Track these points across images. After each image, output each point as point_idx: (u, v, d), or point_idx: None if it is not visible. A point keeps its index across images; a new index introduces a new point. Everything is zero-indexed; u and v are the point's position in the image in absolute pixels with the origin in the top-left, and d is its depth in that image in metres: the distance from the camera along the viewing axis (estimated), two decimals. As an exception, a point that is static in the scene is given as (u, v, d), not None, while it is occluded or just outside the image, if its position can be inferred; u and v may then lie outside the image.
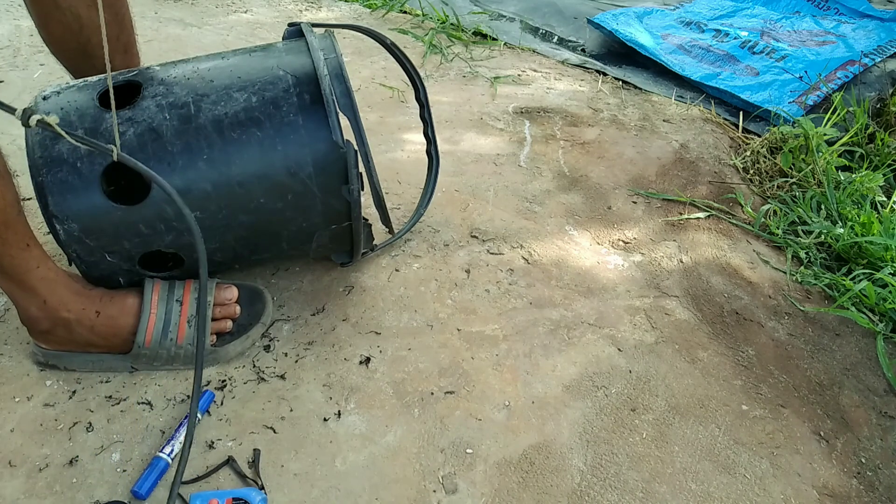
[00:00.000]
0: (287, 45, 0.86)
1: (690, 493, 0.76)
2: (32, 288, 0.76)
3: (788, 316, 1.01)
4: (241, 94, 0.78)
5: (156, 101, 0.77)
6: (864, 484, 0.79)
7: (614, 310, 0.99)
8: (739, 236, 1.16)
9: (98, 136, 0.75)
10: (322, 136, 0.78)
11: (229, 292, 0.87)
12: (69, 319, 0.79)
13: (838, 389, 0.90)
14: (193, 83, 0.79)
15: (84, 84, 0.81)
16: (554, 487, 0.76)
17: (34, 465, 0.75)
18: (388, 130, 1.36)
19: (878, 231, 1.11)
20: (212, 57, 0.85)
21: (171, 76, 0.81)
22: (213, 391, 0.83)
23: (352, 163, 0.78)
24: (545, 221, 1.15)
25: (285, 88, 0.78)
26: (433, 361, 0.89)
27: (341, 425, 0.81)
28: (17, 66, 1.53)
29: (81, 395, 0.83)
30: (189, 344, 0.83)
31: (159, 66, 0.84)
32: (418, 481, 0.75)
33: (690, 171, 1.31)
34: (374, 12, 1.94)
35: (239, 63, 0.83)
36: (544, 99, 1.53)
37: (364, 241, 0.91)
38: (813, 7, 2.02)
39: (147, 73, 0.81)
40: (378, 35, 0.99)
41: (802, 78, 1.58)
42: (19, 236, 0.74)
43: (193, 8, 1.91)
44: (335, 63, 0.81)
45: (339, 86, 0.79)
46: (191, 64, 0.83)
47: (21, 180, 0.76)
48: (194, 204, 0.77)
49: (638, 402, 0.86)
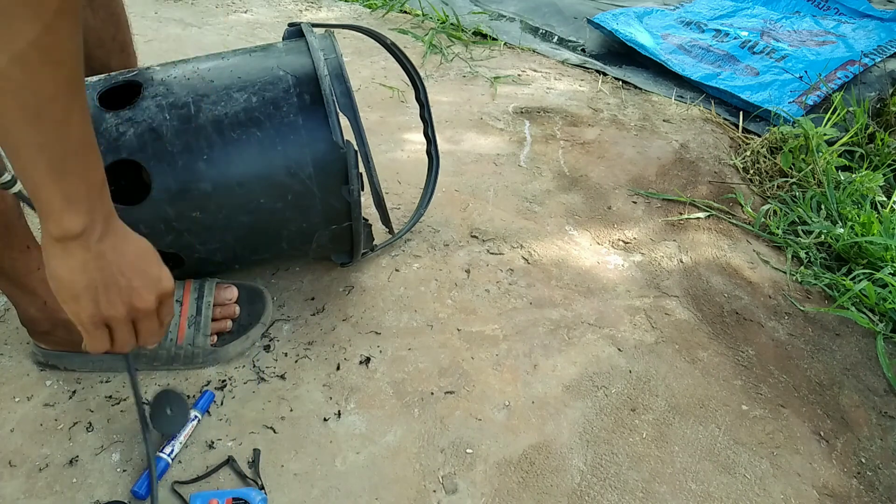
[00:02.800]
0: (287, 45, 0.86)
1: (690, 493, 0.76)
2: (33, 290, 0.76)
3: (788, 316, 1.01)
4: (241, 95, 0.78)
5: (156, 102, 0.76)
6: (864, 484, 0.79)
7: (614, 310, 0.99)
8: (739, 236, 1.16)
9: (98, 137, 0.74)
10: (322, 136, 0.78)
11: (229, 292, 0.87)
12: (69, 320, 0.79)
13: (838, 389, 0.90)
14: (194, 83, 0.79)
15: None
16: (554, 487, 0.76)
17: (34, 465, 0.75)
18: (388, 130, 1.36)
19: (878, 231, 1.11)
20: (212, 57, 0.85)
21: (172, 76, 0.80)
22: (212, 391, 0.83)
23: (352, 163, 0.78)
24: (545, 221, 1.15)
25: (285, 89, 0.78)
26: (433, 361, 0.89)
27: (341, 425, 0.81)
28: (17, 66, 1.53)
29: (81, 395, 0.83)
30: (189, 344, 0.83)
31: (159, 66, 0.84)
32: (418, 481, 0.75)
33: (690, 171, 1.31)
34: (374, 12, 1.94)
35: (239, 63, 0.82)
36: (544, 99, 1.53)
37: (364, 241, 0.91)
38: (813, 7, 2.02)
39: (147, 74, 0.81)
40: (378, 35, 0.99)
41: (802, 78, 1.58)
42: (20, 238, 0.74)
43: (193, 8, 1.91)
44: (335, 63, 0.81)
45: (339, 86, 0.79)
46: (191, 64, 0.83)
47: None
48: (194, 204, 0.77)
49: (638, 402, 0.86)
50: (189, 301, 0.84)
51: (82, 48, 0.48)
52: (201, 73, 0.81)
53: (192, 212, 0.77)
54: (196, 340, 0.83)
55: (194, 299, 0.84)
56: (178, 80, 0.80)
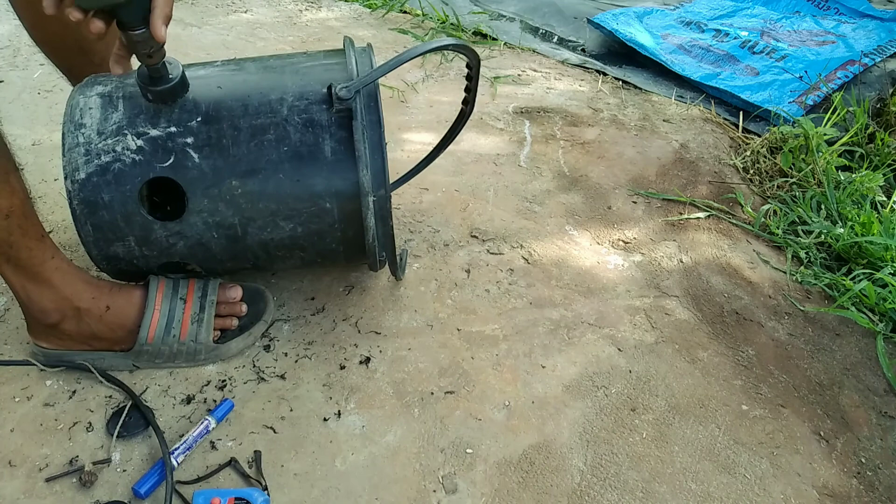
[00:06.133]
0: (335, 151, 0.79)
1: (690, 493, 0.76)
2: (47, 279, 0.77)
3: (788, 316, 1.01)
4: (286, 224, 0.80)
5: (202, 218, 0.78)
6: (864, 484, 0.79)
7: (614, 310, 0.99)
8: (739, 236, 1.16)
9: (148, 244, 0.80)
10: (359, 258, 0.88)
11: (234, 291, 0.88)
12: (80, 309, 0.80)
13: (838, 389, 0.90)
14: (238, 200, 0.78)
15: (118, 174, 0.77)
16: (554, 487, 0.76)
17: (34, 465, 0.75)
18: (388, 130, 1.36)
19: (878, 231, 1.11)
20: (251, 173, 0.78)
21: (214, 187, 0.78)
22: (232, 401, 0.82)
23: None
24: (545, 221, 1.15)
25: (330, 224, 0.81)
26: (433, 361, 0.89)
27: (341, 425, 0.81)
28: (17, 66, 1.53)
29: (81, 395, 0.83)
30: (192, 341, 0.84)
31: (197, 155, 0.78)
32: (418, 481, 0.75)
33: (690, 171, 1.31)
34: (375, 12, 1.94)
35: (280, 184, 0.78)
36: (544, 99, 1.53)
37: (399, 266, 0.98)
38: (813, 7, 2.02)
39: (185, 174, 0.77)
40: (467, 50, 0.87)
41: (802, 78, 1.58)
42: (36, 227, 0.75)
43: (193, 8, 1.91)
44: (383, 201, 0.80)
45: (381, 227, 0.82)
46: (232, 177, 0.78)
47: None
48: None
49: (638, 402, 0.86)
50: (193, 299, 0.85)
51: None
52: (247, 191, 0.78)
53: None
54: (199, 337, 0.84)
55: (198, 297, 0.85)
56: (221, 195, 0.78)
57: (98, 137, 0.76)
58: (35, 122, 1.33)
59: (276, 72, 0.83)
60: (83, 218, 0.77)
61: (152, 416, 0.79)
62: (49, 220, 1.08)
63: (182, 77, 0.77)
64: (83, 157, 0.76)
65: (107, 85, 0.81)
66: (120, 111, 0.77)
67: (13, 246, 0.73)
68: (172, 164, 0.76)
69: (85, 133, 0.77)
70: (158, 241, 0.79)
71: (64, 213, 1.09)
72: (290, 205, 0.79)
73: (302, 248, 0.83)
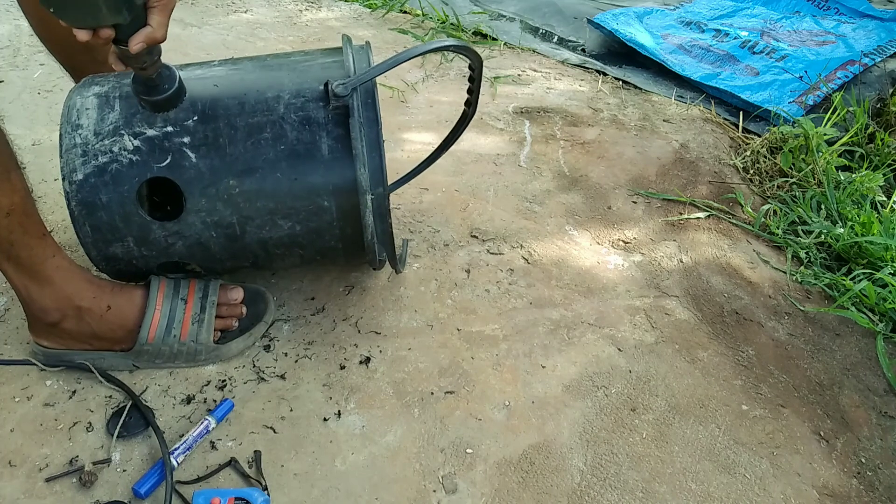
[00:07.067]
0: (332, 150, 0.78)
1: (690, 493, 0.76)
2: (48, 277, 0.77)
3: (788, 316, 1.01)
4: (285, 222, 0.80)
5: (200, 218, 0.78)
6: (864, 484, 0.79)
7: (614, 310, 0.99)
8: (739, 236, 1.16)
9: (147, 245, 0.80)
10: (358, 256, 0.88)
11: (235, 293, 0.88)
12: (81, 308, 0.80)
13: (838, 389, 0.90)
14: (236, 200, 0.78)
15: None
16: (554, 487, 0.76)
17: (34, 465, 0.75)
18: (388, 130, 1.36)
19: (878, 231, 1.11)
20: (249, 171, 0.78)
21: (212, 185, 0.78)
22: (232, 401, 0.82)
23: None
24: (545, 221, 1.15)
25: (329, 221, 0.81)
26: (433, 361, 0.89)
27: (341, 425, 0.81)
28: (17, 65, 1.53)
29: (81, 395, 0.83)
30: (192, 340, 0.84)
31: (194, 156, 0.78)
32: (418, 481, 0.75)
33: (690, 171, 1.31)
34: (375, 12, 1.95)
35: (278, 182, 0.78)
36: (544, 99, 1.53)
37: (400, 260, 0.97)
38: (813, 7, 2.02)
39: (183, 174, 0.77)
40: (469, 51, 0.86)
41: (802, 78, 1.58)
42: (37, 226, 0.75)
43: (193, 8, 1.91)
44: (381, 199, 0.80)
45: (380, 225, 0.82)
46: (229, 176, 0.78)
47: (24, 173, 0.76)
48: None
49: (638, 402, 0.86)
50: (194, 300, 0.85)
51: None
52: (243, 191, 0.78)
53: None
54: (199, 337, 0.84)
55: (199, 298, 0.85)
56: (219, 195, 0.77)
57: (95, 138, 0.76)
58: (35, 122, 1.33)
59: (273, 70, 0.82)
60: (81, 219, 0.77)
61: (152, 416, 0.79)
62: (49, 220, 1.08)
63: (178, 88, 0.76)
64: (80, 159, 0.76)
65: (104, 85, 0.81)
66: (116, 111, 0.77)
67: (14, 244, 0.73)
68: (169, 164, 0.76)
69: (82, 134, 0.77)
70: (157, 241, 0.79)
71: (64, 213, 1.09)
72: (288, 203, 0.79)
73: (301, 245, 0.83)
